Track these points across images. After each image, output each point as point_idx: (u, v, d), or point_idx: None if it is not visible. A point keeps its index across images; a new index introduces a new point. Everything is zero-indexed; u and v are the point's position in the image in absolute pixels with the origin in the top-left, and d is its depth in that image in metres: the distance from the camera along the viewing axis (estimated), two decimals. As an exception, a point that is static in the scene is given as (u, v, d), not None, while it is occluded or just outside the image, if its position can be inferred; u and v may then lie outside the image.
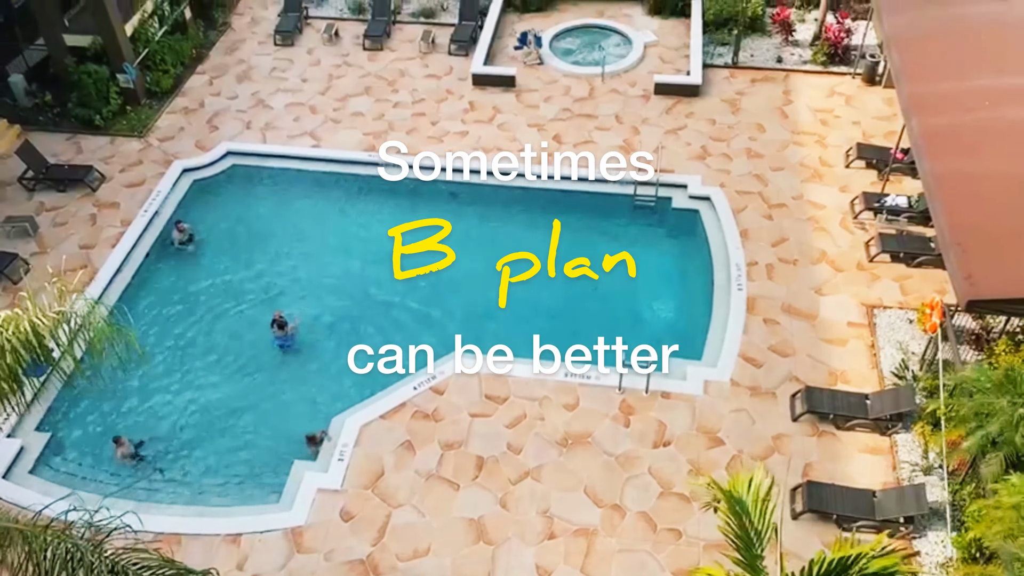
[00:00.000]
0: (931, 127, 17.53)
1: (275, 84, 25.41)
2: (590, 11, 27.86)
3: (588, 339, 18.28)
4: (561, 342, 18.26)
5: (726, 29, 25.96)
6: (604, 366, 16.94)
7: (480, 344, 18.17)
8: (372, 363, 16.21)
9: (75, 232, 20.78)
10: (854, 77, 24.49)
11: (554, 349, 17.80)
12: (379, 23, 27.13)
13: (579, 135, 23.20)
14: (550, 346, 18.05)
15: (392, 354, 16.18)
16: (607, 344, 17.46)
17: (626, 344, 16.81)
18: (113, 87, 23.69)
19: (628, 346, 16.67)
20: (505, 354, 17.63)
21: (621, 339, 16.85)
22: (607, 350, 16.76)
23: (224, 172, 22.71)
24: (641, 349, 16.33)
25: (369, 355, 16.24)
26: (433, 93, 24.94)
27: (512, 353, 17.77)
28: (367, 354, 16.24)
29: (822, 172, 21.72)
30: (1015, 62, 18.62)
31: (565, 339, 18.35)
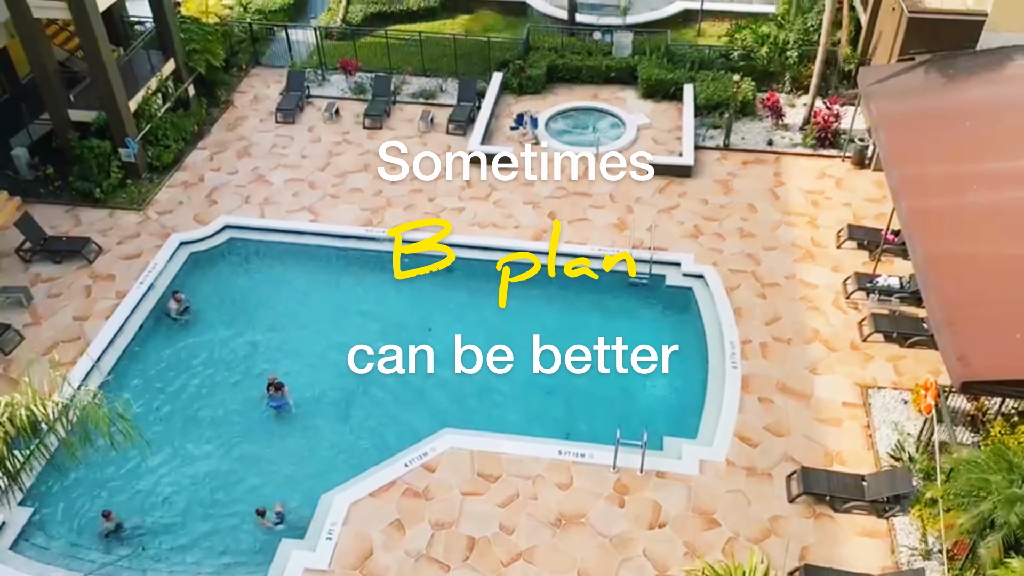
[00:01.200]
0: (920, 210, 17.84)
1: (275, 160, 25.81)
2: (584, 94, 28.53)
3: (582, 415, 18.31)
4: (555, 418, 18.25)
5: (717, 113, 26.59)
6: (598, 444, 16.84)
7: (474, 420, 18.14)
8: (372, 363, 16.89)
9: (69, 303, 20.78)
10: (844, 160, 24.99)
11: (548, 426, 17.82)
12: (379, 103, 27.73)
13: (573, 213, 23.49)
14: (545, 422, 18.07)
15: (392, 354, 16.91)
16: (602, 422, 17.47)
17: (621, 422, 16.78)
18: (114, 161, 24.04)
19: (623, 424, 16.62)
20: (499, 430, 17.60)
21: (617, 418, 16.81)
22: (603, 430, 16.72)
23: (221, 245, 22.86)
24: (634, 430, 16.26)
25: (369, 355, 16.80)
26: (431, 171, 25.26)
27: (506, 429, 17.73)
28: (367, 354, 16.75)
29: (814, 252, 21.96)
30: (999, 147, 19.07)
31: (559, 415, 18.34)
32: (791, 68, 27.70)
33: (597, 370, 19.23)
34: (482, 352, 19.71)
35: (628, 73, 28.66)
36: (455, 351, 19.75)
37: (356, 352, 19.79)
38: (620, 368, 19.28)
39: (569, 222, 23.10)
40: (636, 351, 19.70)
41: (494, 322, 20.66)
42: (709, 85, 27.27)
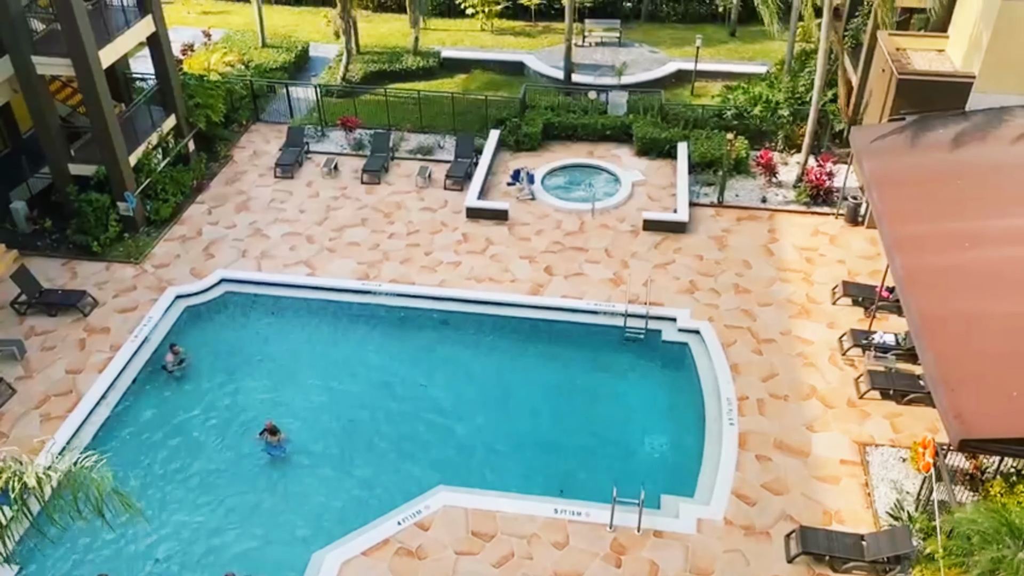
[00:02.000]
0: (914, 267, 17.93)
1: (273, 214, 25.98)
2: (580, 151, 28.91)
3: (579, 473, 18.15)
4: (551, 475, 18.07)
5: (711, 170, 26.91)
6: (595, 502, 16.66)
7: (469, 477, 17.96)
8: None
9: (63, 357, 20.68)
10: (837, 217, 25.22)
11: (544, 482, 17.62)
12: (378, 158, 28.04)
13: (569, 267, 23.59)
14: (540, 481, 17.89)
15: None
16: (599, 480, 17.30)
17: (618, 479, 16.63)
18: (113, 214, 24.18)
19: (620, 481, 16.47)
20: (494, 487, 17.41)
21: (613, 475, 16.65)
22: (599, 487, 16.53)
23: (217, 299, 22.86)
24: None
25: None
26: (428, 225, 25.50)
27: (501, 486, 17.54)
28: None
29: (809, 308, 22.01)
30: (991, 206, 19.25)
31: (555, 472, 18.16)
32: (784, 127, 28.14)
33: (593, 426, 19.20)
34: (477, 406, 19.78)
35: (623, 131, 29.09)
36: (450, 405, 19.78)
37: (351, 405, 19.83)
38: (617, 424, 19.27)
39: (565, 277, 23.19)
40: (633, 407, 19.75)
41: (490, 376, 20.66)
42: (703, 143, 27.67)
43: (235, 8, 40.01)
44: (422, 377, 20.54)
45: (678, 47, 35.64)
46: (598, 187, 27.17)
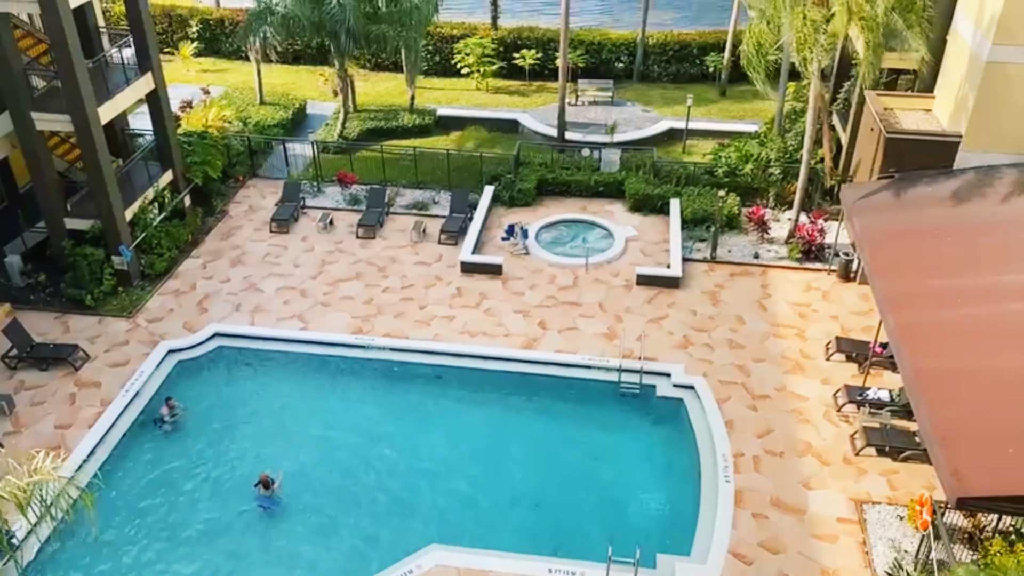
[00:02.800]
0: (907, 323, 18.01)
1: (268, 268, 26.03)
2: (574, 207, 29.17)
3: (574, 531, 17.90)
4: (546, 534, 17.82)
5: (703, 226, 27.15)
6: (590, 561, 16.39)
7: (462, 535, 17.70)
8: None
9: (52, 412, 20.48)
10: (829, 273, 25.38)
11: (539, 542, 17.36)
12: (373, 213, 28.24)
13: (563, 322, 23.61)
14: (535, 539, 17.64)
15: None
16: (594, 538, 17.05)
17: (613, 538, 16.40)
18: (108, 268, 24.20)
19: (615, 540, 16.23)
20: (487, 546, 17.14)
21: (608, 533, 16.42)
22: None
23: (210, 353, 22.75)
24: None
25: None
26: (422, 279, 25.57)
27: (495, 545, 17.28)
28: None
29: (803, 364, 22.01)
30: (981, 262, 19.43)
31: (550, 530, 17.92)
32: (775, 184, 28.48)
33: (588, 483, 19.00)
34: (471, 462, 19.59)
35: (616, 188, 29.40)
36: (444, 461, 19.58)
37: (344, 461, 19.61)
38: (612, 481, 19.08)
39: (559, 331, 23.19)
40: (628, 463, 19.59)
41: (484, 432, 20.52)
42: (695, 200, 27.96)
43: (234, 66, 40.63)
44: (416, 432, 20.37)
45: (669, 106, 36.27)
46: (592, 242, 27.35)
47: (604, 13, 50.08)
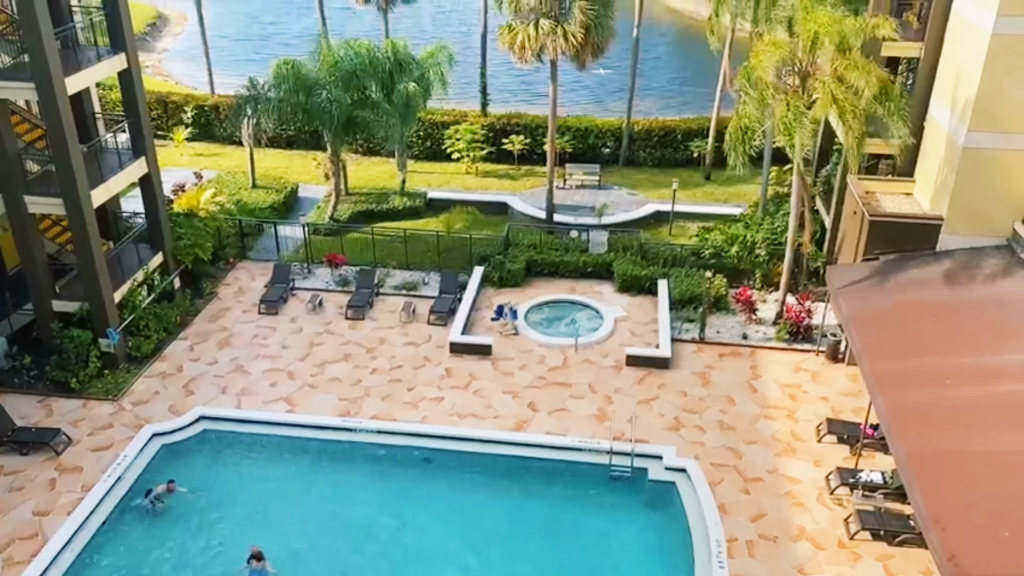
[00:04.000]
0: (897, 404, 17.99)
1: (255, 350, 25.90)
2: (563, 287, 29.35)
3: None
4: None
5: (692, 307, 27.30)
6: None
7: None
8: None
9: (31, 498, 20.00)
10: (818, 354, 25.45)
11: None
12: (363, 294, 28.31)
13: (553, 403, 23.46)
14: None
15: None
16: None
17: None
18: (94, 351, 24.01)
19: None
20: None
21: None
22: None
23: (195, 436, 22.39)
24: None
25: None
26: (411, 360, 25.46)
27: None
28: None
29: (795, 446, 21.85)
30: (968, 343, 19.57)
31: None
32: (760, 266, 28.80)
33: (580, 569, 18.57)
34: (460, 548, 19.14)
35: (604, 269, 29.67)
36: (432, 547, 19.13)
37: (330, 547, 19.13)
38: (604, 567, 18.65)
39: (549, 413, 23.02)
40: (620, 548, 19.18)
41: (474, 517, 20.12)
42: (683, 281, 28.21)
43: (228, 151, 41.30)
44: (405, 516, 19.95)
45: (656, 189, 36.95)
46: (581, 323, 27.41)
47: (591, 101, 51.55)
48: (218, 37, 54.61)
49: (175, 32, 71.59)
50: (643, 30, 40.47)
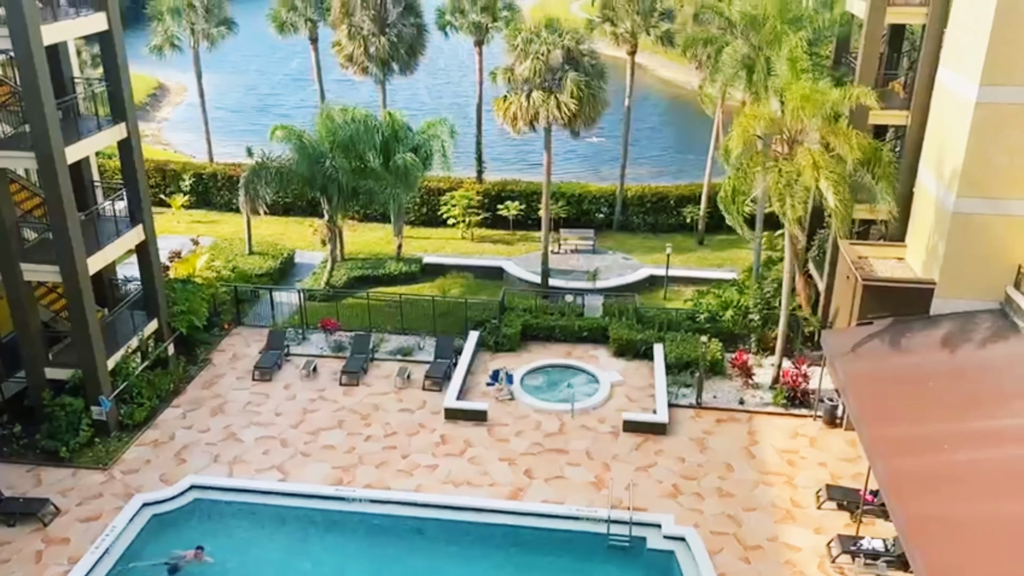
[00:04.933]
0: (896, 470, 17.83)
1: (248, 418, 25.66)
2: (558, 352, 29.30)
3: None
4: None
5: (688, 371, 27.24)
6: None
7: None
8: None
9: (16, 571, 19.55)
10: (815, 419, 25.30)
11: None
12: (357, 360, 28.20)
13: (550, 470, 23.18)
14: None
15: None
16: None
17: None
18: (85, 419, 23.78)
19: None
20: None
21: None
22: None
23: (186, 506, 22.02)
24: None
25: None
26: (405, 426, 25.24)
27: None
28: None
29: (794, 513, 21.55)
30: (965, 407, 19.50)
31: None
32: (755, 330, 28.83)
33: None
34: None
35: (600, 333, 29.67)
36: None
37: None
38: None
39: (545, 480, 22.74)
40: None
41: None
42: (678, 345, 28.20)
43: (225, 218, 41.62)
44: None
45: (649, 254, 37.22)
46: (577, 388, 27.28)
47: (585, 168, 52.33)
48: (216, 108, 55.55)
49: (175, 102, 72.84)
50: (636, 99, 41.36)
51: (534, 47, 29.86)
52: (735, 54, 28.89)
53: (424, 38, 41.95)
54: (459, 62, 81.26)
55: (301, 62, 76.19)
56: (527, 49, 29.98)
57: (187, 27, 44.99)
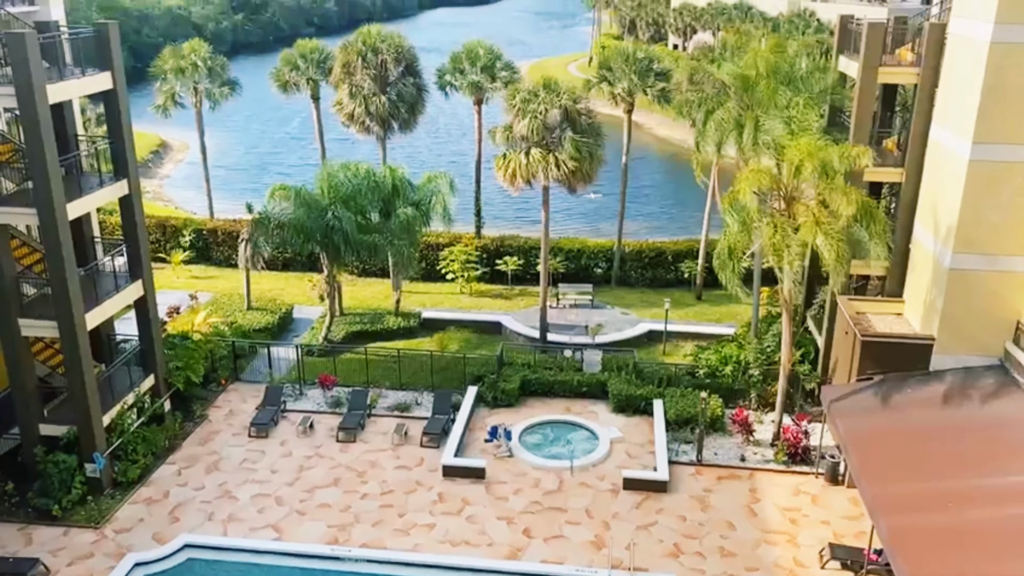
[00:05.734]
0: (900, 528, 17.57)
1: (244, 475, 25.35)
2: (557, 407, 29.10)
3: None
4: None
5: (688, 428, 27.02)
6: None
7: None
8: None
9: (3, 633, 19.14)
10: (817, 476, 25.02)
11: None
12: (354, 416, 27.98)
13: (549, 529, 22.83)
14: None
15: None
16: None
17: None
18: (79, 476, 23.49)
19: None
20: None
21: None
22: None
23: (179, 566, 21.62)
24: None
25: None
26: (402, 484, 24.93)
27: None
28: None
29: (798, 573, 21.17)
30: (968, 464, 19.30)
31: None
32: (755, 386, 28.69)
33: None
34: None
35: (599, 388, 29.53)
36: None
37: None
38: None
39: (544, 539, 22.38)
40: None
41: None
42: (678, 401, 28.03)
43: (224, 274, 41.72)
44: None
45: (648, 309, 37.24)
46: (576, 444, 27.02)
47: (583, 223, 52.75)
48: (215, 167, 56.18)
49: (177, 159, 73.67)
50: (635, 157, 41.83)
51: (532, 106, 30.33)
52: (728, 114, 29.34)
53: (424, 97, 42.63)
54: (458, 121, 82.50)
55: (302, 121, 77.37)
56: (525, 108, 30.44)
57: (191, 87, 45.72)
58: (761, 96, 28.32)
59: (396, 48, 41.21)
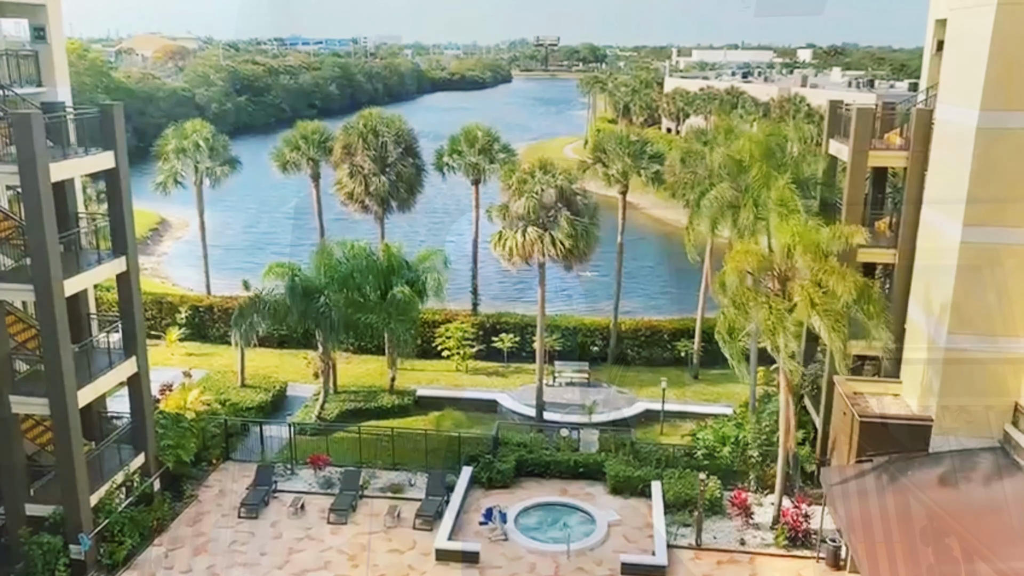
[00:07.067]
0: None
1: (232, 558, 24.72)
2: (553, 489, 28.62)
3: None
4: None
5: (687, 510, 26.54)
6: None
7: None
8: None
9: None
10: (818, 561, 24.45)
11: None
12: (346, 497, 27.46)
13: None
14: None
15: None
16: None
17: None
18: (63, 558, 22.86)
19: None
20: None
21: None
22: None
23: (160, 655, 20.92)
24: None
25: None
26: (394, 569, 24.31)
27: None
28: None
29: (802, 663, 20.53)
30: (972, 550, 18.89)
31: None
32: (754, 467, 28.31)
33: None
34: None
35: (596, 469, 29.11)
36: None
37: None
38: None
39: (540, 628, 21.72)
40: None
41: None
42: (676, 482, 27.60)
43: (219, 350, 41.53)
44: None
45: (644, 388, 37.04)
46: (573, 527, 26.47)
47: (580, 301, 52.86)
48: (214, 245, 56.54)
49: (176, 236, 74.19)
50: (631, 237, 42.23)
51: (528, 186, 30.77)
52: (720, 196, 29.79)
53: (422, 177, 43.28)
54: (456, 201, 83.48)
55: (300, 200, 78.18)
56: (522, 188, 30.89)
57: (192, 166, 46.36)
58: (755, 179, 28.78)
59: (396, 130, 42.06)
